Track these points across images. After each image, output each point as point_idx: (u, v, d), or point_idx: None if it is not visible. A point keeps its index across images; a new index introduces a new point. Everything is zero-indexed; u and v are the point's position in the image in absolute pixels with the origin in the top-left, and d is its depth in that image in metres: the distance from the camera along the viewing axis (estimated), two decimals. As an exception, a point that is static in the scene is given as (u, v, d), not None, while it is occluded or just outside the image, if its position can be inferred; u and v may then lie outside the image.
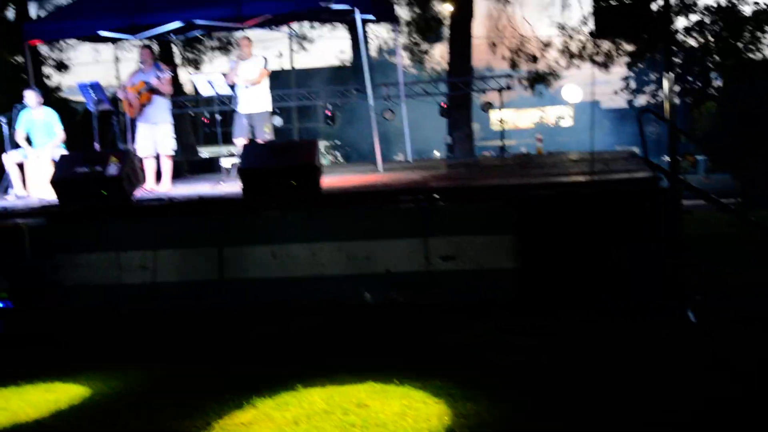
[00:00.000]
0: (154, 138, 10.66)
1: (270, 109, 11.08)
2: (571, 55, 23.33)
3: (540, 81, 24.18)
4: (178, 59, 27.17)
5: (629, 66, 29.37)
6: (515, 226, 7.54)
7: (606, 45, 22.39)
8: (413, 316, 7.46)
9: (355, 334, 7.11)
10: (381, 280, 7.99)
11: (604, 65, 23.39)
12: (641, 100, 51.41)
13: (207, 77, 10.87)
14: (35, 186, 10.42)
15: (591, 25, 21.76)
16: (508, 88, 20.02)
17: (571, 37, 23.44)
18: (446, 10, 23.54)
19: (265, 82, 10.91)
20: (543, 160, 13.76)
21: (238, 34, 16.39)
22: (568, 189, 8.22)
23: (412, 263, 7.95)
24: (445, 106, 20.21)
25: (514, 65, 23.87)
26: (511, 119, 48.84)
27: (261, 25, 14.54)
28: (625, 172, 9.08)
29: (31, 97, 10.70)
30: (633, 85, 52.78)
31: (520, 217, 7.46)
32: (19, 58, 23.54)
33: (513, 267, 7.59)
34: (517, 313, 7.17)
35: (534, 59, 23.86)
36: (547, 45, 23.92)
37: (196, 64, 28.48)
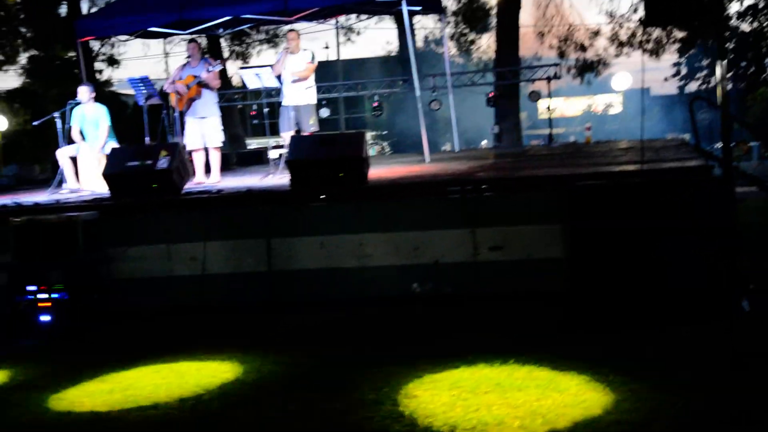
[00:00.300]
0: (203, 131, 10.78)
1: (315, 101, 11.12)
2: (621, 44, 23.01)
3: (589, 70, 23.88)
4: (225, 52, 27.41)
5: (680, 52, 28.88)
6: (564, 215, 7.47)
7: (656, 32, 22.04)
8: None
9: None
10: (429, 271, 7.98)
11: (655, 53, 23.01)
12: (692, 87, 50.57)
13: (255, 71, 10.94)
14: (88, 180, 10.59)
15: (641, 13, 21.45)
16: (556, 77, 19.83)
17: (620, 24, 23.11)
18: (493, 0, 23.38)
19: (312, 76, 10.94)
20: (592, 149, 13.61)
21: (286, 27, 16.49)
22: (617, 178, 8.12)
23: (460, 254, 7.93)
24: (493, 96, 20.10)
25: (562, 54, 23.61)
26: (559, 107, 48.35)
27: (308, 18, 14.60)
28: (676, 160, 8.94)
29: (83, 92, 10.87)
30: (684, 71, 51.92)
31: (569, 206, 7.38)
32: (72, 53, 23.96)
33: (562, 257, 7.53)
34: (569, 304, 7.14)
35: (582, 48, 23.58)
36: (595, 33, 23.62)
37: (243, 57, 28.72)
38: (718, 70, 7.52)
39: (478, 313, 7.36)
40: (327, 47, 44.58)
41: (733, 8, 23.25)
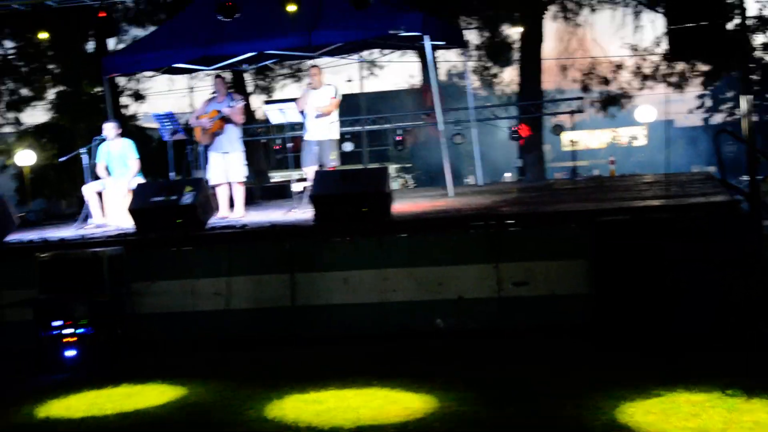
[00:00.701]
0: (226, 166, 10.84)
1: (338, 137, 11.17)
2: (644, 77, 22.95)
3: (612, 103, 23.79)
4: (249, 87, 27.63)
5: (704, 84, 28.77)
6: (589, 251, 7.43)
7: (680, 66, 21.98)
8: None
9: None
10: (453, 306, 7.95)
11: (679, 86, 22.94)
12: (717, 118, 50.30)
13: (278, 106, 11.00)
14: (114, 215, 10.66)
15: (665, 46, 21.44)
16: (580, 111, 19.82)
17: (644, 58, 23.06)
18: (516, 33, 23.45)
19: (335, 111, 11.00)
20: (616, 183, 13.55)
21: (309, 63, 16.61)
22: (642, 214, 8.06)
23: (484, 289, 7.90)
24: (515, 130, 20.10)
25: (585, 87, 23.59)
26: (583, 140, 48.25)
27: (331, 53, 14.73)
28: (701, 195, 8.87)
29: (109, 129, 10.97)
30: (708, 103, 51.70)
31: (594, 242, 7.34)
32: (99, 89, 24.25)
33: (587, 293, 7.47)
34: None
35: (606, 81, 23.54)
36: (619, 67, 23.57)
37: (267, 91, 28.92)
38: (744, 104, 7.48)
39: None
40: (350, 80, 44.80)
41: (758, 40, 23.11)
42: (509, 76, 27.58)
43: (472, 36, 24.70)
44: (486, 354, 7.21)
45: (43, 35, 12.21)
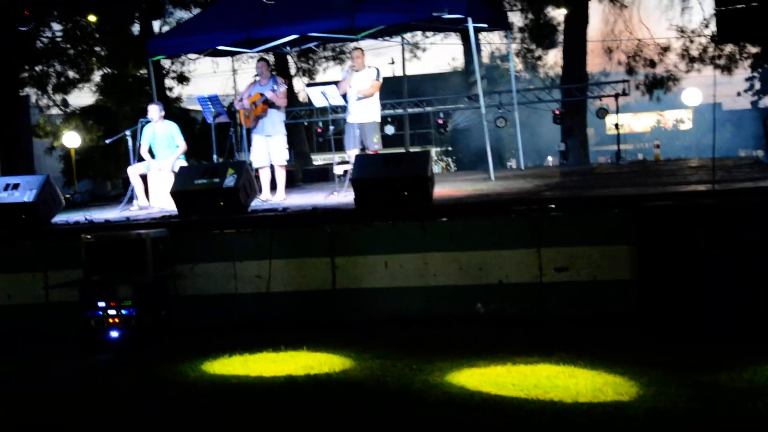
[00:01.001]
0: (269, 149, 10.90)
1: (380, 119, 11.16)
2: (692, 59, 22.55)
3: (658, 86, 23.41)
4: (292, 69, 27.73)
5: (753, 67, 28.25)
6: (632, 236, 7.34)
7: (729, 48, 21.56)
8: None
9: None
10: (493, 291, 7.91)
11: (727, 69, 22.51)
12: (767, 101, 49.42)
13: (320, 89, 11.02)
14: (157, 197, 10.79)
15: (712, 28, 21.04)
16: (625, 93, 19.57)
17: (691, 40, 22.67)
18: (560, 15, 23.19)
19: (377, 93, 10.99)
20: (661, 167, 13.38)
21: (351, 45, 16.61)
22: (687, 199, 7.95)
23: (525, 274, 7.84)
24: (559, 113, 19.93)
25: (630, 70, 23.26)
26: (628, 123, 47.68)
27: (374, 36, 14.70)
28: (749, 180, 8.73)
29: (153, 111, 11.09)
30: (757, 85, 50.80)
31: (638, 227, 7.25)
32: (143, 71, 24.51)
33: (630, 279, 7.39)
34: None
35: (652, 64, 23.17)
36: (665, 49, 23.19)
37: (310, 74, 29.01)
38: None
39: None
40: (393, 62, 44.78)
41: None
42: (553, 59, 27.35)
43: (516, 18, 24.49)
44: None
45: (92, 17, 12.33)
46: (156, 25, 25.01)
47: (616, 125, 19.74)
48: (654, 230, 7.07)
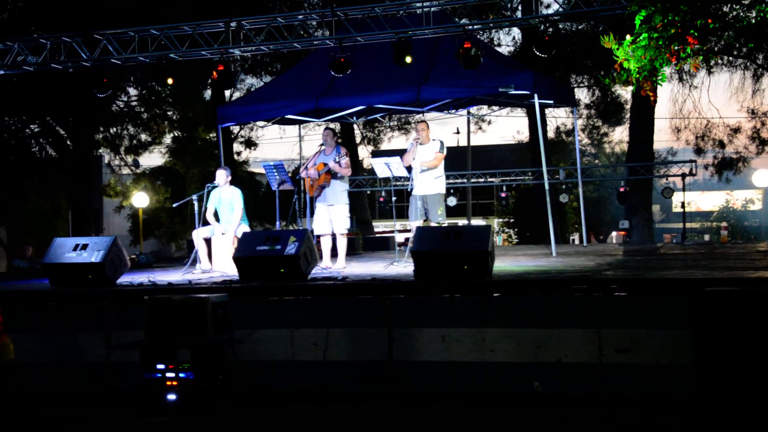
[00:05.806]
0: (331, 218, 11.02)
1: (444, 191, 11.19)
2: (762, 142, 22.19)
3: (728, 167, 23.03)
4: (357, 137, 28.10)
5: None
6: (695, 321, 7.19)
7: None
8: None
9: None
10: (552, 370, 7.80)
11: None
12: (841, 184, 48.19)
13: (384, 160, 11.14)
14: (220, 261, 10.94)
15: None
16: (692, 174, 19.32)
17: (762, 123, 22.33)
18: (627, 93, 23.15)
19: (441, 165, 11.05)
20: (727, 250, 13.11)
21: (417, 117, 16.79)
22: (753, 286, 7.77)
23: (584, 354, 7.72)
24: (623, 191, 19.74)
25: (699, 150, 22.97)
26: (695, 201, 46.93)
27: (439, 109, 14.86)
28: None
29: (221, 176, 11.32)
30: (831, 168, 49.67)
31: (701, 313, 7.11)
32: (212, 135, 25.09)
33: (690, 364, 7.22)
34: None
35: (721, 145, 22.86)
36: (735, 130, 22.88)
37: (375, 142, 29.37)
38: None
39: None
40: (458, 132, 45.11)
41: None
42: (619, 135, 27.20)
43: (583, 94, 24.53)
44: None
45: (170, 80, 12.86)
46: (227, 90, 25.66)
47: (683, 204, 19.47)
48: (715, 316, 6.93)
